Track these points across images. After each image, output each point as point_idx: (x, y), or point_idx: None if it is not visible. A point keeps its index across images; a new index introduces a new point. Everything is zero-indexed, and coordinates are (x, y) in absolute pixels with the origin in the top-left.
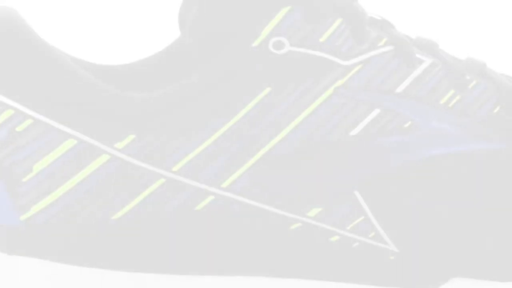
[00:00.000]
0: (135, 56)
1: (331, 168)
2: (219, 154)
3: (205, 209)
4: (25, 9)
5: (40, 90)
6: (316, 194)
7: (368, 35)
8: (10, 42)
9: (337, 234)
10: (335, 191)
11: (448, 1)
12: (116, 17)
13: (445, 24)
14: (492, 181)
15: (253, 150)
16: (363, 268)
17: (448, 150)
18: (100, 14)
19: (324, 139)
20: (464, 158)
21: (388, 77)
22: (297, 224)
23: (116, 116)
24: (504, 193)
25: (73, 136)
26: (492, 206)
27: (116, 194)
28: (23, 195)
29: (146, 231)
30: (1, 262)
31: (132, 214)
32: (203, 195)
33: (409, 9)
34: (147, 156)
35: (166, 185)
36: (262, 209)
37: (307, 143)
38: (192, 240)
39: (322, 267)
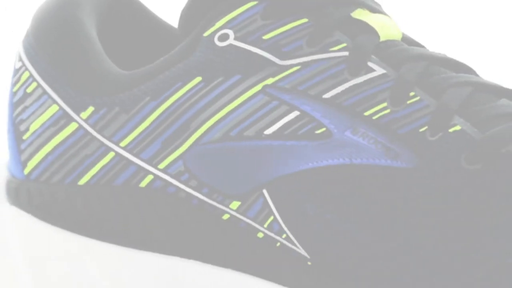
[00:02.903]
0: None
1: (244, 163)
2: (156, 136)
3: (147, 187)
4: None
5: (46, 55)
6: (233, 187)
7: (326, 39)
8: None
9: (261, 231)
10: (248, 186)
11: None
12: None
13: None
14: (388, 198)
15: (184, 136)
16: (286, 270)
17: (350, 161)
18: None
19: (241, 135)
20: (364, 172)
21: (321, 82)
22: (227, 216)
23: (87, 88)
24: (396, 212)
25: (57, 102)
26: (385, 224)
27: (80, 161)
28: (23, 151)
29: (100, 201)
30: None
31: (91, 183)
32: (144, 173)
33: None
34: (101, 128)
35: (115, 159)
36: (193, 195)
37: (226, 136)
38: (135, 215)
39: (252, 264)
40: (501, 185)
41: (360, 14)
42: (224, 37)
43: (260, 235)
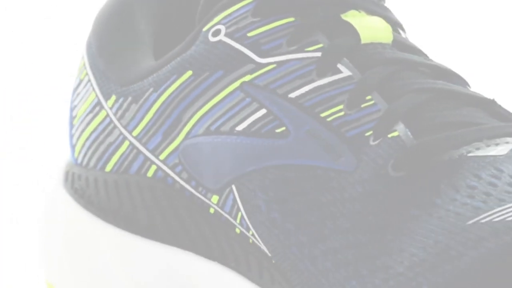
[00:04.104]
0: None
1: (219, 158)
2: (158, 127)
3: (153, 178)
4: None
5: (95, 43)
6: (211, 181)
7: (305, 39)
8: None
9: (237, 227)
10: (222, 181)
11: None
12: None
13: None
14: (324, 201)
15: (178, 129)
16: (258, 268)
17: (300, 162)
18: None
19: (218, 130)
20: (309, 173)
21: (291, 81)
22: (212, 209)
23: (114, 78)
24: (328, 215)
25: (95, 89)
26: (318, 227)
27: (106, 148)
28: (72, 136)
29: (117, 188)
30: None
31: (113, 170)
32: (150, 163)
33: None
34: (120, 117)
35: (129, 148)
36: (185, 188)
37: (208, 130)
38: (142, 203)
39: (234, 259)
40: (417, 195)
41: (352, 15)
42: (217, 33)
43: (238, 230)
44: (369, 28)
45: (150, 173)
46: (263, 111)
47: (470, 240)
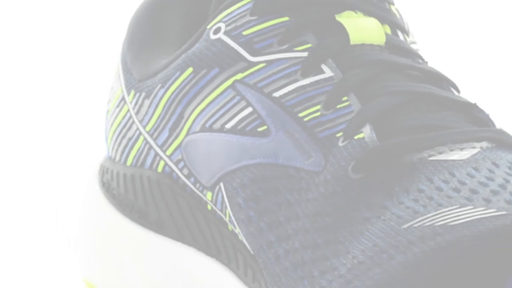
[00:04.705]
0: None
1: (210, 155)
2: (166, 123)
3: (162, 173)
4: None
5: (126, 38)
6: (205, 178)
7: (296, 39)
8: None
9: (229, 224)
10: (213, 178)
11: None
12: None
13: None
14: (292, 200)
15: (181, 125)
16: (244, 266)
17: (275, 161)
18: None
19: (211, 127)
20: (282, 172)
21: (276, 81)
22: (210, 206)
23: (135, 73)
24: (293, 215)
25: (121, 85)
26: (284, 227)
27: (127, 143)
28: (106, 129)
29: (133, 183)
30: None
31: (132, 164)
32: (159, 159)
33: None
34: (136, 112)
35: (144, 143)
36: (186, 184)
37: (203, 127)
38: (152, 197)
39: (229, 257)
40: (372, 197)
41: (347, 16)
42: (217, 31)
43: (230, 227)
44: (360, 29)
45: (160, 168)
46: (249, 110)
47: (401, 244)
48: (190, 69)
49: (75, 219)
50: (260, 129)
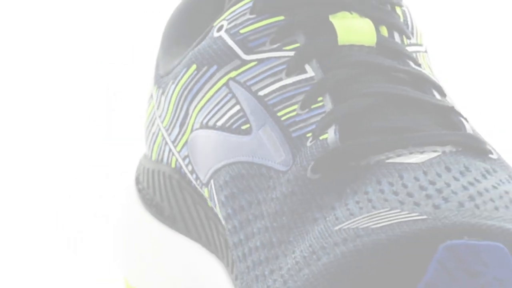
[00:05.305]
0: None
1: (205, 152)
2: (176, 119)
3: (175, 168)
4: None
5: (164, 33)
6: (202, 175)
7: (286, 38)
8: None
9: (222, 221)
10: (207, 175)
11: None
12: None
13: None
14: (261, 199)
15: (187, 122)
16: (232, 264)
17: (252, 159)
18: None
19: (207, 124)
20: (256, 171)
21: (263, 79)
22: (209, 202)
23: (160, 69)
24: (258, 214)
25: (152, 81)
26: (250, 225)
27: (152, 138)
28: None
29: (153, 177)
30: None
31: (154, 159)
32: (172, 154)
33: None
34: (157, 108)
35: (162, 138)
36: (191, 180)
37: (201, 125)
38: (166, 193)
39: (221, 253)
40: (324, 198)
41: (342, 17)
42: (220, 28)
43: (224, 224)
44: (350, 30)
45: (173, 164)
46: (237, 107)
47: (328, 245)
48: (194, 66)
49: (114, 216)
50: (243, 127)
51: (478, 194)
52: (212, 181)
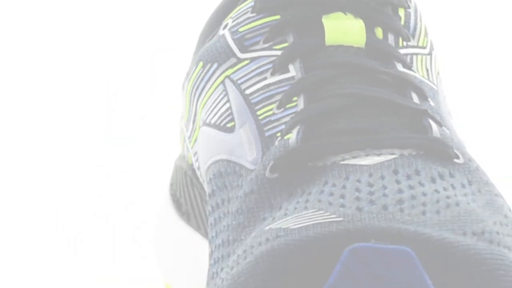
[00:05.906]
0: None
1: (202, 150)
2: (190, 116)
3: (190, 164)
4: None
5: (205, 24)
6: (202, 172)
7: (278, 38)
8: None
9: None
10: (204, 171)
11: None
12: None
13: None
14: (231, 197)
15: (196, 119)
16: None
17: (229, 157)
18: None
19: (204, 121)
20: (230, 169)
21: (251, 78)
22: None
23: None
24: (227, 211)
25: None
26: (222, 223)
27: (179, 134)
28: None
29: (176, 173)
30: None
31: (181, 155)
32: (188, 151)
33: None
34: (181, 105)
35: (183, 136)
36: (198, 176)
37: (203, 122)
38: (181, 188)
39: None
40: (276, 198)
41: (335, 17)
42: (225, 26)
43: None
44: (339, 30)
45: (190, 160)
46: (227, 105)
47: (256, 244)
48: (201, 64)
49: (152, 222)
50: (229, 125)
51: (411, 198)
52: (205, 178)
